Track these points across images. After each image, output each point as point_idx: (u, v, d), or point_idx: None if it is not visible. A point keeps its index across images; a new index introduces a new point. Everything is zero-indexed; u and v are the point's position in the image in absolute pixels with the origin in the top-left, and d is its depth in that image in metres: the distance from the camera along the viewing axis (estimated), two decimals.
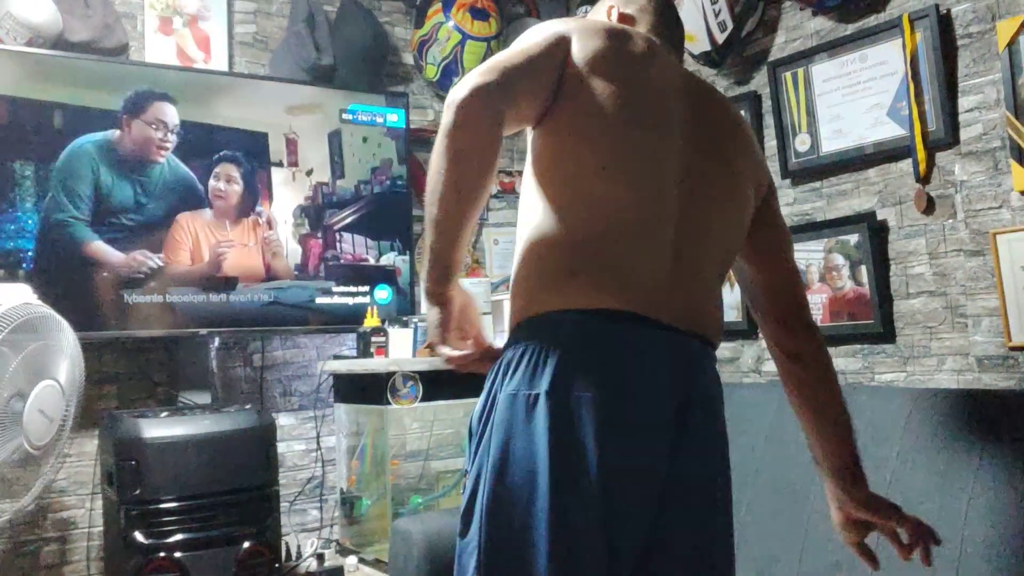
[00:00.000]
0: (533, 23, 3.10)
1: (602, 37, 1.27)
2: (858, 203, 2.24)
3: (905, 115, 2.09)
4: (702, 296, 1.27)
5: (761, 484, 2.06)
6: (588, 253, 1.17)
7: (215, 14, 2.83)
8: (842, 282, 2.25)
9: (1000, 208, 1.95)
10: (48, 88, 2.38)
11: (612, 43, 1.27)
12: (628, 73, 1.26)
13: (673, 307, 1.19)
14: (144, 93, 2.50)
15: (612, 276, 1.16)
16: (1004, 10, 1.93)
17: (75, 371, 2.09)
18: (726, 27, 2.40)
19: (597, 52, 1.24)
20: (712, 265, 1.31)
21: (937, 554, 1.63)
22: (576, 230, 1.18)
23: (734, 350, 2.59)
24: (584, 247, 1.17)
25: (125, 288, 2.43)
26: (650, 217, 1.20)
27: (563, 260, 1.18)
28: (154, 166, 2.50)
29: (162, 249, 2.50)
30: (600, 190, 1.19)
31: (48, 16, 2.43)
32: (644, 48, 1.30)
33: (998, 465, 1.63)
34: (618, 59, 1.26)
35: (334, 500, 2.86)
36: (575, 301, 1.15)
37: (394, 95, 2.97)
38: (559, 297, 1.16)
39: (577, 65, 1.23)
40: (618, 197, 1.19)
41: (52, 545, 2.47)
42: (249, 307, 2.62)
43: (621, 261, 1.17)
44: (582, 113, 1.22)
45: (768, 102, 2.46)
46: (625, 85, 1.24)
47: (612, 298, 1.15)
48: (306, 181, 2.76)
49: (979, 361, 1.99)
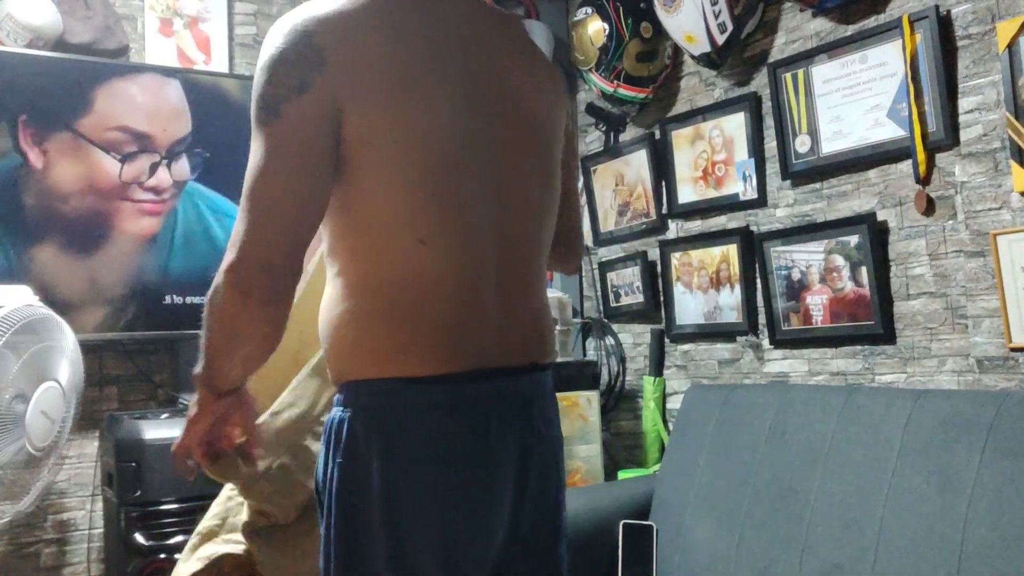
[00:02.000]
0: (533, 24, 3.13)
1: (366, 45, 1.05)
2: (858, 204, 2.24)
3: (905, 116, 2.09)
4: (529, 314, 1.19)
5: (761, 484, 2.06)
6: (410, 316, 1.08)
7: (215, 16, 2.83)
8: (842, 283, 2.25)
9: (1000, 209, 1.95)
10: None
11: (380, 47, 1.06)
12: (402, 79, 1.06)
13: (504, 346, 1.13)
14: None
15: (439, 340, 1.08)
16: (1004, 11, 1.93)
17: (75, 372, 2.10)
18: (726, 28, 2.40)
19: (369, 82, 1.05)
20: (538, 259, 1.21)
21: (938, 555, 1.63)
22: (393, 291, 1.08)
23: (734, 351, 2.59)
24: (404, 309, 1.08)
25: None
26: (470, 269, 1.10)
27: (385, 323, 1.08)
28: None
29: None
30: (416, 260, 1.08)
31: (48, 18, 2.43)
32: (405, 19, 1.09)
33: (999, 466, 1.63)
34: (389, 66, 1.06)
35: None
36: (402, 369, 1.08)
37: None
38: (384, 365, 1.08)
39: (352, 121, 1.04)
40: (437, 267, 1.08)
41: (52, 547, 2.47)
42: None
43: (446, 321, 1.08)
44: (375, 170, 1.06)
45: (768, 103, 2.46)
46: (407, 102, 1.06)
47: (441, 363, 1.08)
48: None
49: (979, 362, 1.99)
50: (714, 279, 2.62)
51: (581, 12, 2.81)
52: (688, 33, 2.48)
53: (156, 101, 2.53)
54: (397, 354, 1.07)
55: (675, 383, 2.78)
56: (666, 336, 2.81)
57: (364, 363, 1.09)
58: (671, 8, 2.49)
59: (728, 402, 2.29)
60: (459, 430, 1.09)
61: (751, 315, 2.52)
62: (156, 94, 2.54)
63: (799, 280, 2.35)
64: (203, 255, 2.58)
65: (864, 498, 1.81)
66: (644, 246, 2.91)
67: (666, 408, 2.78)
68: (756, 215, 2.52)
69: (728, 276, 2.58)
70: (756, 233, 2.50)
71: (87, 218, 2.43)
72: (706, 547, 2.12)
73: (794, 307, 2.37)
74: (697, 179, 2.70)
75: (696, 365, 2.72)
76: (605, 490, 2.52)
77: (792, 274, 2.37)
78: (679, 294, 2.75)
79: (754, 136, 2.51)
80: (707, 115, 2.66)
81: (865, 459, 1.86)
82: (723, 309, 2.60)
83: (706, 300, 2.65)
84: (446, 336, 1.08)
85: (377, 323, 1.08)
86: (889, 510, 1.75)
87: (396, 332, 1.08)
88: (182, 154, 2.56)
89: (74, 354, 2.09)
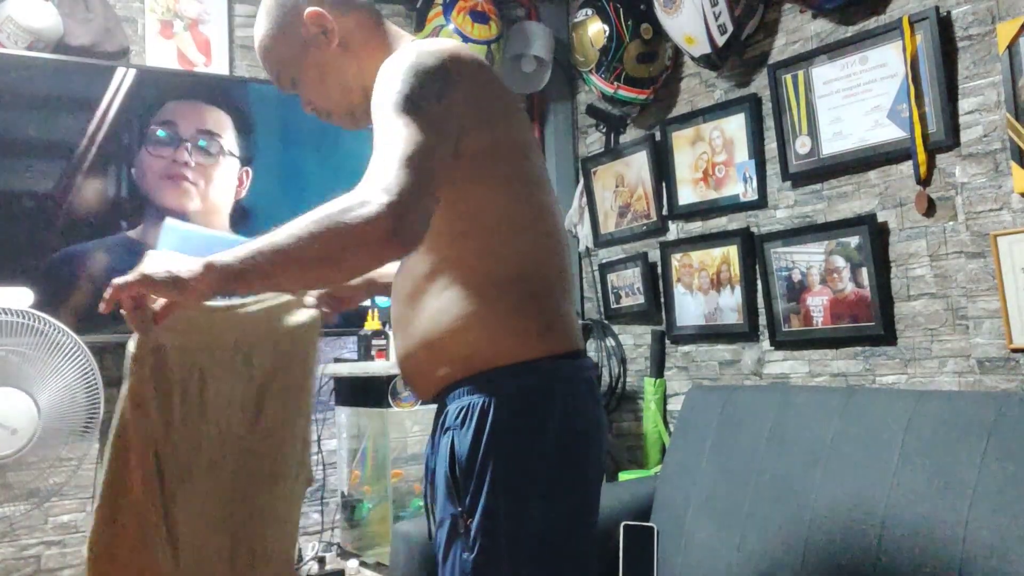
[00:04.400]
0: (533, 26, 3.13)
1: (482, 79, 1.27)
2: (859, 205, 2.24)
3: (905, 117, 2.09)
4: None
5: (762, 485, 2.06)
6: (539, 300, 1.26)
7: (215, 18, 2.83)
8: (843, 284, 2.25)
9: (1001, 210, 1.95)
10: None
11: (485, 82, 1.28)
12: (504, 108, 1.30)
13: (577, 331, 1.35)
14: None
15: (561, 321, 1.28)
16: (1004, 12, 1.93)
17: (68, 378, 2.05)
18: (726, 29, 2.40)
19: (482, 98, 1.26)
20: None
21: (940, 556, 1.63)
22: (528, 282, 1.26)
23: (735, 352, 2.59)
24: (534, 295, 1.26)
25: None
26: (564, 257, 1.33)
27: (527, 310, 1.25)
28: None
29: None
30: (544, 253, 1.29)
31: (49, 20, 2.43)
32: (485, 68, 1.31)
33: (1000, 467, 1.63)
34: (494, 94, 1.28)
35: (335, 503, 2.86)
36: (551, 348, 1.26)
37: None
38: (535, 347, 1.25)
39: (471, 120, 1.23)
40: (555, 258, 1.30)
41: (53, 549, 2.47)
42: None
43: (563, 307, 1.29)
44: (492, 160, 1.25)
45: (768, 104, 2.46)
46: (507, 121, 1.29)
47: (570, 342, 1.29)
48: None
49: (980, 363, 1.98)
50: (715, 280, 2.62)
51: (581, 14, 2.81)
52: (688, 34, 2.48)
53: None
54: (543, 335, 1.25)
55: (676, 384, 2.78)
56: (667, 337, 2.81)
57: (512, 347, 1.23)
58: (671, 9, 2.49)
59: (729, 403, 2.29)
60: (594, 396, 1.32)
61: (752, 316, 2.52)
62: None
63: (800, 281, 2.35)
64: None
65: (865, 499, 1.81)
66: (645, 247, 2.91)
67: (667, 409, 2.78)
68: (756, 216, 2.52)
69: (728, 277, 2.58)
70: (756, 234, 2.50)
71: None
72: (707, 548, 2.12)
73: (795, 308, 2.37)
74: (697, 180, 2.70)
75: (697, 366, 2.72)
76: (606, 491, 2.48)
77: (793, 275, 2.37)
78: (680, 295, 2.75)
79: (754, 137, 2.51)
80: (707, 116, 2.66)
81: (866, 460, 1.85)
82: (724, 310, 2.60)
83: (707, 301, 2.65)
84: (566, 319, 1.28)
85: (520, 311, 1.24)
86: (890, 511, 1.75)
87: (539, 316, 1.25)
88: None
89: (70, 360, 2.05)
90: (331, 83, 1.37)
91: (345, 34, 1.35)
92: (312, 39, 1.34)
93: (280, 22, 1.36)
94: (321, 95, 1.39)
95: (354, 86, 1.36)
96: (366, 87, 1.31)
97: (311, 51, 1.35)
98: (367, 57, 1.35)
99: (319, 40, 1.34)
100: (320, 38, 1.34)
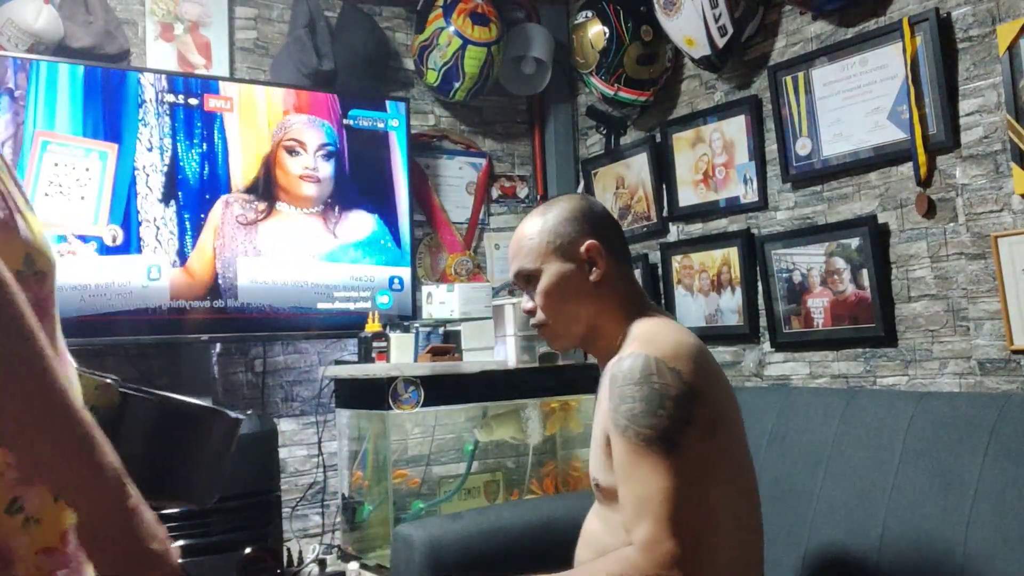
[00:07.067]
0: (533, 28, 3.13)
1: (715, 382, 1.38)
2: (859, 207, 2.24)
3: (906, 118, 2.09)
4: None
5: (763, 487, 2.05)
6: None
7: (216, 20, 2.83)
8: (843, 286, 2.25)
9: (1001, 211, 1.95)
10: None
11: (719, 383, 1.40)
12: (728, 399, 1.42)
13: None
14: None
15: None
16: (1004, 13, 1.93)
17: None
18: (726, 31, 2.40)
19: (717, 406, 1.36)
20: None
21: (941, 558, 1.63)
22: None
23: (735, 354, 2.59)
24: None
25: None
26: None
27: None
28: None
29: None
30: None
31: (49, 22, 2.43)
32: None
33: (1001, 469, 1.63)
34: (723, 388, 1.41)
35: (336, 505, 2.85)
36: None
37: (395, 100, 2.98)
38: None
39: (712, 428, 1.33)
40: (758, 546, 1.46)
41: None
42: (250, 312, 2.62)
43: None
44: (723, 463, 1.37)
45: (769, 106, 2.46)
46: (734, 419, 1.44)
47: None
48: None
49: (981, 364, 1.98)
50: (715, 282, 2.62)
51: (581, 16, 2.81)
52: (688, 36, 2.48)
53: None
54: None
55: None
56: None
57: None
58: (671, 11, 2.49)
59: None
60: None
61: (752, 318, 2.51)
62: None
63: (800, 283, 2.35)
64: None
65: (866, 501, 1.81)
66: (645, 249, 2.91)
67: None
68: (757, 218, 2.52)
69: (729, 279, 2.58)
70: (757, 236, 2.50)
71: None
72: None
73: (795, 310, 2.37)
74: (698, 182, 2.70)
75: None
76: None
77: (793, 277, 2.37)
78: (680, 297, 2.74)
79: (755, 139, 2.51)
80: (708, 118, 2.66)
81: (867, 462, 1.85)
82: (724, 312, 2.60)
83: (707, 303, 2.65)
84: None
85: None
86: (891, 512, 1.75)
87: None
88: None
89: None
90: (569, 307, 1.45)
91: (606, 277, 1.43)
92: (579, 262, 1.43)
93: (559, 229, 1.44)
94: (549, 307, 1.45)
95: (584, 320, 1.45)
96: (594, 327, 1.45)
97: (570, 269, 1.43)
98: (610, 309, 1.44)
99: (583, 267, 1.43)
100: (584, 266, 1.43)
